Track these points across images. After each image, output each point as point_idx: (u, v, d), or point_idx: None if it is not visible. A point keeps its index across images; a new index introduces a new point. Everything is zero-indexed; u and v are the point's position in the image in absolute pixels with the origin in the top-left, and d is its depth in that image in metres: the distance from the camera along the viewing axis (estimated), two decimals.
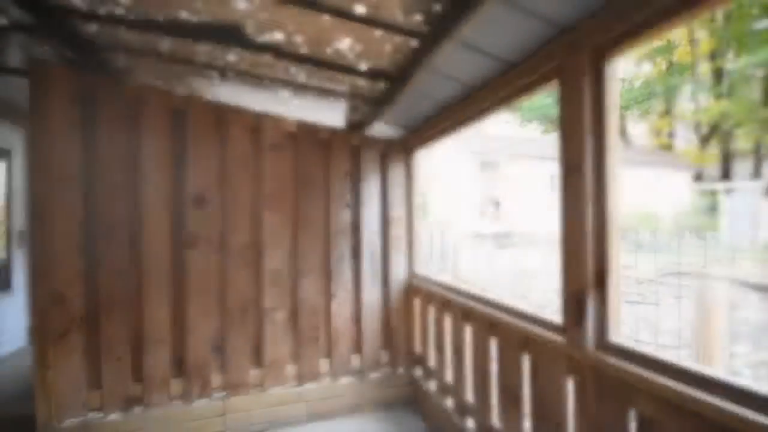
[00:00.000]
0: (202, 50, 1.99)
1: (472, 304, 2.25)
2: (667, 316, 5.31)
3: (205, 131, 2.58)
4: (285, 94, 2.55)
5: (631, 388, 1.25)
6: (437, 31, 1.61)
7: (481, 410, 2.18)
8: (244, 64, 2.15)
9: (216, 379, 2.62)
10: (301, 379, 2.83)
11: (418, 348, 3.09)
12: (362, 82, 2.31)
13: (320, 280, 2.90)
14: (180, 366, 2.54)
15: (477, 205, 16.30)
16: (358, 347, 3.04)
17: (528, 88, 1.74)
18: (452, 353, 2.53)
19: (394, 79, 2.18)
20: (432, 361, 2.85)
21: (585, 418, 1.43)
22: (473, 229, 14.51)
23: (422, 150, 3.09)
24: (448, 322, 2.62)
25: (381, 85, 2.34)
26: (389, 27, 1.66)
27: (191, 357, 2.54)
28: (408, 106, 2.55)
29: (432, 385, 2.84)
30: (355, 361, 3.02)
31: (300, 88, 2.46)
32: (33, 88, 2.17)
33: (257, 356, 2.74)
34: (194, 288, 2.55)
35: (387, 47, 1.85)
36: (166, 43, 1.95)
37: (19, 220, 3.89)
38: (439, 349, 2.71)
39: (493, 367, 2.10)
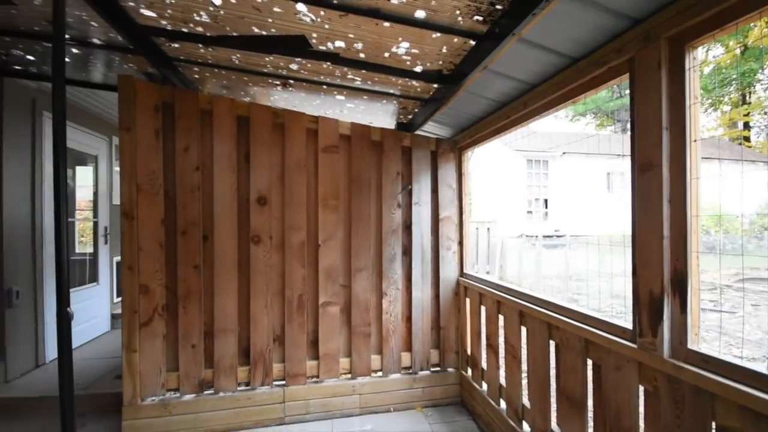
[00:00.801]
0: (268, 61, 2.13)
1: (527, 305, 2.21)
2: (748, 325, 4.81)
3: (266, 135, 2.74)
4: (340, 97, 2.66)
5: (714, 400, 1.18)
6: (497, 30, 1.60)
7: (538, 415, 2.13)
8: (305, 72, 2.27)
9: (277, 369, 2.78)
10: (354, 372, 2.93)
11: (469, 348, 3.07)
12: (416, 84, 2.35)
13: (372, 278, 2.98)
14: (245, 355, 2.74)
15: (524, 205, 15.73)
16: (408, 345, 3.09)
17: (593, 83, 1.68)
18: (506, 355, 2.49)
19: (449, 79, 2.19)
20: (484, 362, 2.83)
21: (657, 428, 1.37)
22: (520, 229, 14.02)
23: (474, 149, 3.07)
24: (501, 324, 2.59)
25: (434, 86, 2.36)
26: (447, 29, 1.68)
27: (255, 347, 2.72)
28: (461, 106, 2.55)
29: (484, 387, 2.81)
30: (406, 358, 3.07)
31: (354, 92, 2.54)
32: (122, 100, 2.44)
33: (313, 349, 2.88)
34: (257, 282, 2.73)
35: (444, 49, 1.87)
36: (236, 56, 2.12)
37: (104, 219, 4.38)
38: (493, 350, 2.68)
39: (552, 371, 2.05)
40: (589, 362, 1.75)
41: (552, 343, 2.03)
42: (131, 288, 2.48)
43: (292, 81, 2.44)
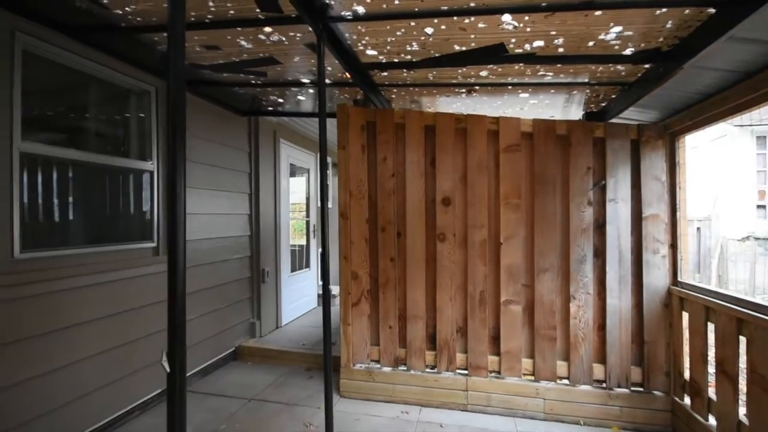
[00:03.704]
0: (461, 72, 2.31)
1: None
2: None
3: (449, 140, 2.95)
4: (524, 95, 2.64)
5: None
6: None
7: None
8: (493, 76, 2.36)
9: (460, 358, 2.98)
10: (537, 375, 2.86)
11: (687, 372, 2.58)
12: (620, 68, 2.13)
13: (558, 279, 2.84)
14: (432, 341, 3.03)
15: (751, 197, 11.79)
16: (601, 356, 2.81)
17: None
18: (751, 387, 2.00)
19: (668, 56, 1.91)
20: (712, 392, 2.33)
21: None
22: (746, 228, 10.59)
23: (692, 133, 2.55)
24: (743, 347, 2.08)
25: (644, 67, 2.09)
26: (679, 2, 1.48)
27: (440, 334, 2.98)
28: (680, 84, 2.17)
29: (711, 421, 2.32)
30: (598, 371, 2.81)
31: (541, 87, 2.49)
32: (339, 124, 3.05)
33: (494, 344, 2.95)
34: (442, 276, 2.98)
35: (669, 24, 1.65)
36: (432, 73, 2.38)
37: (313, 218, 5.51)
38: (728, 378, 2.18)
39: None
40: None
41: None
42: (346, 274, 3.08)
43: (477, 87, 2.57)
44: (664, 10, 1.54)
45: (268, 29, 1.94)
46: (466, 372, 2.97)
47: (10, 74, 1.97)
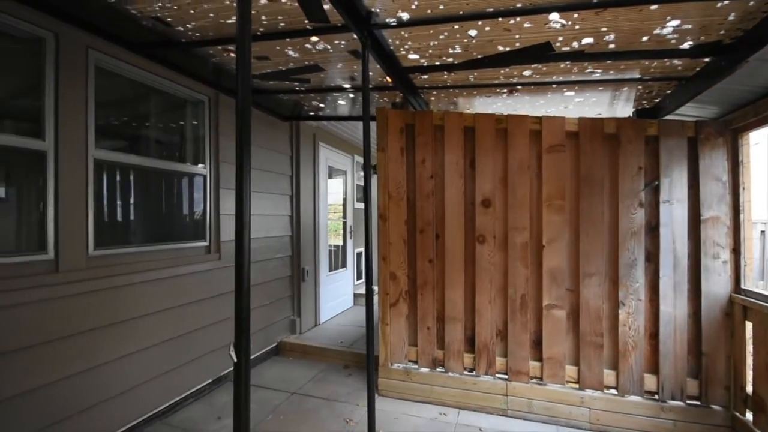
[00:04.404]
0: (503, 73, 2.29)
1: None
2: None
3: (489, 142, 2.92)
4: (569, 93, 2.56)
5: None
6: None
7: None
8: (537, 75, 2.31)
9: (499, 362, 2.93)
10: (582, 383, 2.76)
11: (750, 386, 2.39)
12: (676, 62, 2.02)
13: (605, 284, 2.73)
14: (470, 343, 3.01)
15: None
16: (653, 366, 2.67)
17: None
18: None
19: (729, 49, 1.79)
20: None
21: None
22: None
23: (756, 131, 2.36)
24: None
25: (704, 61, 1.97)
26: None
27: (479, 337, 2.95)
28: (744, 79, 2.02)
29: None
30: (650, 381, 2.66)
31: (588, 85, 2.40)
32: (379, 127, 3.10)
33: (536, 349, 2.88)
34: (481, 278, 2.94)
35: (731, 16, 1.55)
36: (473, 75, 2.36)
37: (350, 219, 5.61)
38: None
39: None
40: None
41: None
42: (384, 274, 3.13)
43: (519, 86, 2.52)
44: (726, 2, 1.45)
45: (314, 38, 2.02)
46: (505, 377, 2.92)
47: (85, 88, 2.18)
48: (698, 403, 2.58)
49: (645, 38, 1.77)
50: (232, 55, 2.37)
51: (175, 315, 2.74)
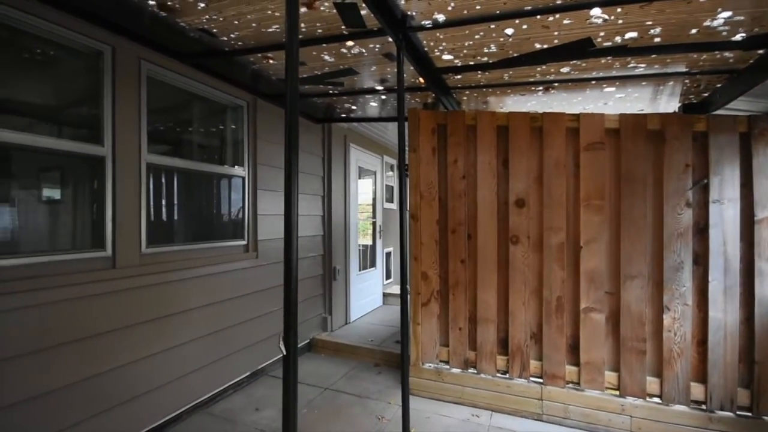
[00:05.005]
0: (539, 71, 2.25)
1: None
2: None
3: (523, 140, 2.87)
4: (609, 89, 2.47)
5: None
6: None
7: None
8: (576, 72, 2.25)
9: (534, 366, 2.88)
10: (623, 390, 2.66)
11: None
12: (727, 55, 1.91)
13: (648, 287, 2.62)
14: (503, 345, 2.97)
15: None
16: (700, 375, 2.53)
17: None
18: None
19: None
20: None
21: None
22: None
23: None
24: None
25: (758, 53, 1.85)
26: None
27: (513, 339, 2.91)
28: None
29: None
30: (696, 390, 2.53)
31: (630, 80, 2.32)
32: (411, 129, 3.12)
33: (572, 354, 2.80)
34: (515, 280, 2.90)
35: None
36: (508, 73, 2.34)
37: (379, 218, 5.66)
38: None
39: None
40: None
41: None
42: (416, 274, 3.14)
43: (556, 84, 2.47)
44: None
45: (350, 43, 2.07)
46: (540, 380, 2.86)
47: (138, 96, 2.34)
48: (749, 414, 2.43)
49: (693, 31, 1.69)
50: (271, 61, 2.46)
51: (216, 310, 2.88)
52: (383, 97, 3.10)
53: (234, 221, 3.19)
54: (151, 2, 1.79)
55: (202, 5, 1.78)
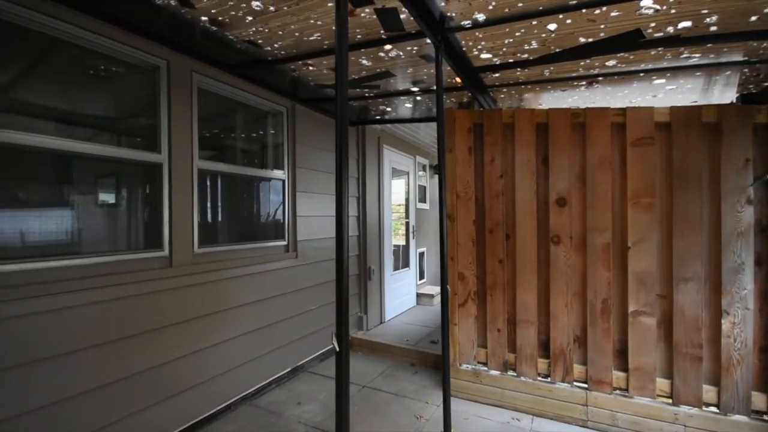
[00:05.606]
0: (582, 65, 2.18)
1: None
2: None
3: (564, 137, 2.78)
4: (659, 81, 2.36)
5: None
6: None
7: None
8: (622, 65, 2.16)
9: (577, 370, 2.78)
10: (676, 398, 2.52)
11: None
12: None
13: (704, 290, 2.46)
14: (544, 348, 2.89)
15: None
16: (762, 384, 2.36)
17: None
18: None
19: None
20: None
21: None
22: None
23: None
24: None
25: None
26: None
27: (554, 342, 2.83)
28: None
29: None
30: (758, 400, 2.35)
31: (683, 71, 2.19)
32: (447, 128, 3.11)
33: (620, 359, 2.68)
34: (556, 281, 2.82)
35: None
36: (549, 69, 2.28)
37: (412, 219, 5.67)
38: None
39: None
40: None
41: None
42: (453, 274, 3.13)
43: (600, 78, 2.38)
44: None
45: (388, 47, 2.10)
46: (585, 385, 2.76)
47: (190, 106, 2.50)
48: None
49: (754, 18, 1.58)
50: (311, 68, 2.55)
51: (260, 308, 3.01)
52: (417, 98, 3.12)
53: (275, 222, 3.32)
54: (203, 18, 1.90)
55: (250, 18, 1.88)
